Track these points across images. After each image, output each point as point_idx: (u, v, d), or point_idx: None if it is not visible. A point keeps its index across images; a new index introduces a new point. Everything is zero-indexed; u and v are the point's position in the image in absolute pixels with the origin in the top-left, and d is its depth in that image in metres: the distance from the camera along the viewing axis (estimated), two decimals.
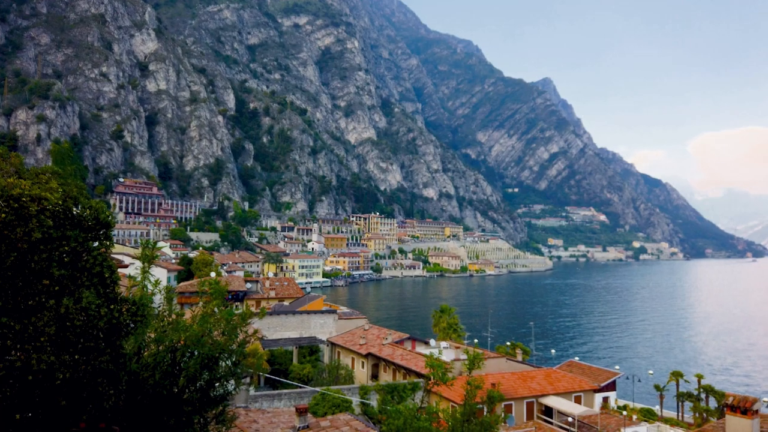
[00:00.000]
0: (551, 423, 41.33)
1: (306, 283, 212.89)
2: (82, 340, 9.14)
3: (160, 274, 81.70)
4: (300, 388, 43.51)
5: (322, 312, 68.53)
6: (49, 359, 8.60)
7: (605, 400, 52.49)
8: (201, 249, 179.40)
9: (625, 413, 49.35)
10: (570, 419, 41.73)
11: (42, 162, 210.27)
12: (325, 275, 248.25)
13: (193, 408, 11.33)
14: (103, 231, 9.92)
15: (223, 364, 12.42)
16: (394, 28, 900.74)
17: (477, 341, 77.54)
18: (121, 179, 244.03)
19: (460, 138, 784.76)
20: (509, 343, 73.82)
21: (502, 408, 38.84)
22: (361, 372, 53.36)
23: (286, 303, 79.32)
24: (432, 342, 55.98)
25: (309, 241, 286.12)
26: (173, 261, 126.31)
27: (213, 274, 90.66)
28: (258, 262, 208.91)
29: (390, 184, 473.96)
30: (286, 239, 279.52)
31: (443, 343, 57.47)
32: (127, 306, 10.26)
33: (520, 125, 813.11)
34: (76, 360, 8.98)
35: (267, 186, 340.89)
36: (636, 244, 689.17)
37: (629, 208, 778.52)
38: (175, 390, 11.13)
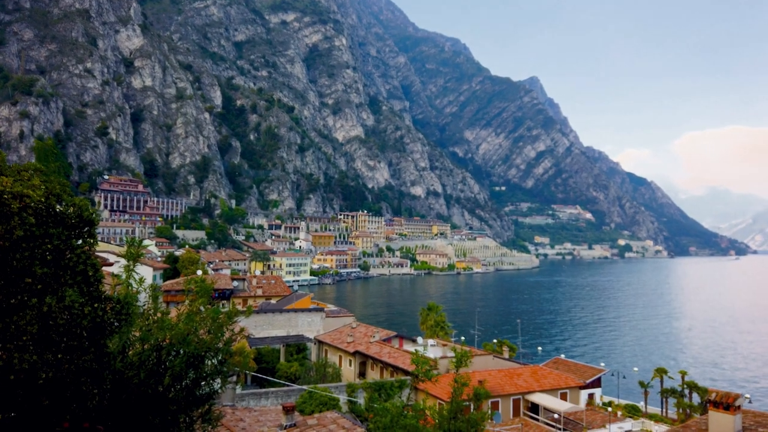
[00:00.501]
0: (537, 420, 41.64)
1: (293, 281, 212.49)
2: (65, 338, 9.05)
3: (145, 272, 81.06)
4: (287, 386, 43.42)
5: (309, 310, 68.38)
6: (32, 358, 8.51)
7: (591, 396, 52.99)
8: (187, 247, 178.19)
9: (610, 409, 49.87)
10: (556, 416, 42.06)
11: (25, 159, 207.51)
12: (313, 273, 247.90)
13: (179, 407, 11.27)
14: (87, 229, 9.82)
15: (209, 362, 12.36)
16: (382, 25, 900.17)
17: (464, 339, 77.86)
18: (106, 176, 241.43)
19: (447, 136, 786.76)
20: (496, 341, 74.22)
21: (488, 405, 39.04)
22: (349, 370, 53.35)
23: (273, 301, 79.05)
24: (419, 340, 56.07)
25: (296, 239, 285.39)
26: (159, 259, 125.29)
27: (199, 272, 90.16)
28: (245, 260, 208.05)
29: (378, 182, 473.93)
30: (273, 237, 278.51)
31: (430, 341, 57.61)
32: (112, 304, 10.16)
33: (507, 124, 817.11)
34: (59, 359, 8.89)
35: (254, 184, 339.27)
36: (621, 242, 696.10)
37: (615, 206, 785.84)
38: (161, 389, 11.06)
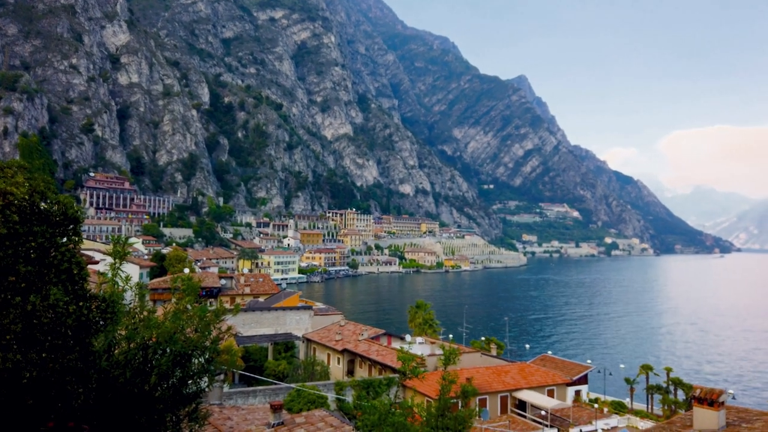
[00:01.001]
0: (525, 416, 41.92)
1: (282, 279, 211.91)
2: (49, 337, 8.97)
3: (132, 270, 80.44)
4: (275, 384, 43.32)
5: (297, 308, 68.24)
6: (16, 357, 8.43)
7: (577, 393, 53.45)
8: (174, 245, 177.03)
9: (597, 406, 50.36)
10: (543, 412, 42.39)
11: (9, 156, 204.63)
12: (301, 271, 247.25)
13: (166, 406, 11.19)
14: (72, 226, 9.73)
15: (196, 361, 12.27)
16: (370, 23, 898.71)
17: (452, 336, 78.19)
18: (92, 174, 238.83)
19: (436, 134, 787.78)
20: (484, 338, 74.60)
21: (476, 402, 39.24)
22: (337, 368, 53.34)
23: (261, 299, 78.76)
24: (408, 338, 56.17)
25: (285, 237, 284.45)
26: (146, 257, 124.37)
27: (186, 270, 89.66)
28: (233, 258, 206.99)
29: (366, 180, 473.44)
30: (261, 235, 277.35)
31: (419, 339, 57.76)
32: (97, 303, 10.08)
33: (495, 122, 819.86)
34: (43, 358, 8.81)
35: (242, 181, 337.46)
36: (608, 239, 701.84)
37: (602, 204, 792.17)
38: (147, 388, 10.97)
